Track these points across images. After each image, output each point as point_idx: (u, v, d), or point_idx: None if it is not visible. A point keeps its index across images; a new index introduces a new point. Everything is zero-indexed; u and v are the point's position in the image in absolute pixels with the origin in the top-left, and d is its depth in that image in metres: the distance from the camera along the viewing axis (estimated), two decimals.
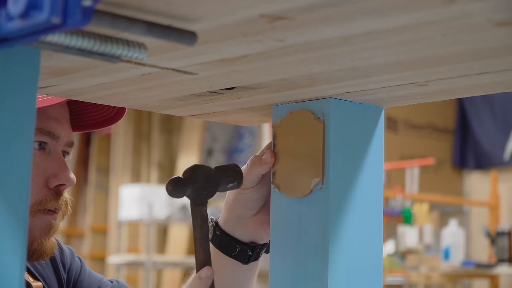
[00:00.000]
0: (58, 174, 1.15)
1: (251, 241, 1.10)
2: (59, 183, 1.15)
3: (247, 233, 1.09)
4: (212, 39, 0.72)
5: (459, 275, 5.44)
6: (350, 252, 0.94)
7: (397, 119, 6.55)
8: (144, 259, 5.98)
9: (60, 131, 1.17)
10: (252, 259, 1.10)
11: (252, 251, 1.10)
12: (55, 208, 1.16)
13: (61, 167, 1.16)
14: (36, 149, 1.14)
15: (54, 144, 1.16)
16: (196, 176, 0.98)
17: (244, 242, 1.10)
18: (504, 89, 0.88)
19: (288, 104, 0.98)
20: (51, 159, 1.16)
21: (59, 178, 1.15)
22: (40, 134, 1.14)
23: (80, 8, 0.56)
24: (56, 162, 1.16)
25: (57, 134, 1.16)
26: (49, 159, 1.16)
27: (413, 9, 0.63)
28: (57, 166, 1.15)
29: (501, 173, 6.37)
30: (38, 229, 1.14)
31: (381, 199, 0.99)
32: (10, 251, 0.65)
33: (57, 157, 1.16)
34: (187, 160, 7.21)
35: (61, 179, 1.15)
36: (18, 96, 0.66)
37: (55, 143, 1.16)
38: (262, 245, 1.10)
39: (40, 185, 1.14)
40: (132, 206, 6.16)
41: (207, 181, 0.99)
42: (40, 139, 1.15)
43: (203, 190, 0.98)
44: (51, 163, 1.15)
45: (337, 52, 0.75)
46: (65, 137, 1.18)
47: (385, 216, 5.13)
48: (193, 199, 0.98)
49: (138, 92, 0.94)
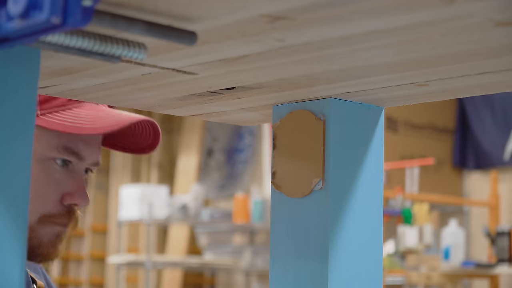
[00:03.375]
0: (74, 193, 1.18)
1: None
2: (73, 202, 1.18)
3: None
4: (212, 39, 0.72)
5: (459, 275, 5.44)
6: (350, 252, 0.94)
7: (397, 119, 6.55)
8: (144, 259, 5.98)
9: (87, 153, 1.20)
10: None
11: None
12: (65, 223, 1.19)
13: (79, 188, 1.19)
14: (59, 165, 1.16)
15: (78, 163, 1.19)
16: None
17: None
18: (504, 89, 0.88)
19: (288, 104, 0.99)
20: (71, 178, 1.19)
21: (74, 197, 1.18)
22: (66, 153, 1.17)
23: (80, 8, 0.56)
24: (76, 181, 1.19)
25: (83, 156, 1.19)
26: (70, 177, 1.19)
27: (413, 9, 0.63)
28: (76, 185, 1.19)
29: (501, 173, 6.37)
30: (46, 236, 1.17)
31: (381, 199, 0.99)
32: (10, 251, 0.65)
33: (78, 177, 1.19)
34: (187, 160, 7.21)
35: (76, 199, 1.18)
36: (18, 96, 0.66)
37: (79, 163, 1.20)
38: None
39: (55, 200, 1.18)
40: (132, 206, 6.16)
41: None
42: (65, 157, 1.18)
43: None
44: (70, 182, 1.18)
45: (337, 52, 0.75)
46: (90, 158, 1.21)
47: (385, 216, 5.13)
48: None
49: (138, 92, 0.95)
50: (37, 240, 1.16)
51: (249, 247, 6.44)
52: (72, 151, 1.17)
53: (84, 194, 1.19)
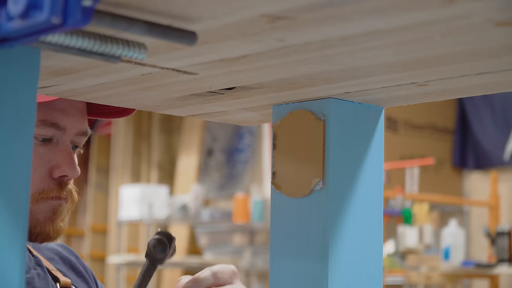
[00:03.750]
0: (61, 165, 1.15)
1: None
2: (62, 174, 1.15)
3: None
4: (212, 39, 0.72)
5: (459, 275, 5.44)
6: (350, 252, 0.94)
7: (397, 119, 6.55)
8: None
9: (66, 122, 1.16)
10: None
11: None
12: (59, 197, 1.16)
13: (66, 159, 1.16)
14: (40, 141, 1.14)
15: (61, 135, 1.16)
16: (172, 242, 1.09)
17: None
18: (504, 89, 0.88)
19: (288, 104, 0.99)
20: (57, 150, 1.16)
21: (62, 169, 1.15)
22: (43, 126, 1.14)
23: (80, 8, 0.56)
24: (62, 153, 1.16)
25: (62, 126, 1.16)
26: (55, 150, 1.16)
27: (413, 9, 0.64)
28: (62, 157, 1.16)
29: (501, 173, 6.37)
30: (42, 213, 1.15)
31: (381, 199, 0.99)
32: (10, 251, 0.65)
33: (64, 148, 1.16)
34: (187, 160, 7.21)
35: (64, 170, 1.15)
36: (18, 96, 0.66)
37: (62, 134, 1.16)
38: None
39: (43, 175, 1.15)
40: (132, 206, 6.16)
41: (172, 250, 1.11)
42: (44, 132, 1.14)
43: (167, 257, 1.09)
44: (56, 154, 1.15)
45: (337, 52, 0.75)
46: (73, 127, 1.17)
47: (385, 216, 5.13)
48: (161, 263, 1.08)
49: (138, 92, 0.95)
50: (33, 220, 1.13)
51: (249, 247, 6.44)
52: (49, 122, 1.14)
53: (72, 165, 1.16)
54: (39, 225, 1.14)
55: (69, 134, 1.17)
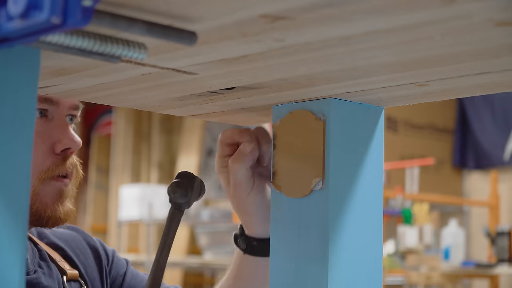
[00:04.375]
0: (62, 138, 1.15)
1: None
2: (64, 147, 1.15)
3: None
4: (212, 39, 0.72)
5: (459, 275, 5.44)
6: (350, 252, 0.94)
7: (397, 119, 6.55)
8: (144, 259, 5.98)
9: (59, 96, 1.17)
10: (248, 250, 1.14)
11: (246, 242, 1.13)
12: (65, 173, 1.16)
13: (65, 132, 1.16)
14: (38, 117, 1.14)
15: (55, 109, 1.16)
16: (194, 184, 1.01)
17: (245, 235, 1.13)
18: (504, 89, 0.88)
19: (288, 104, 0.98)
20: (54, 125, 1.16)
21: (64, 142, 1.15)
22: (38, 102, 1.14)
23: (80, 8, 0.56)
24: (60, 127, 1.16)
25: (55, 100, 1.16)
26: (52, 125, 1.16)
27: (413, 9, 0.63)
28: (61, 131, 1.16)
29: (501, 173, 6.37)
30: (49, 196, 1.14)
31: (381, 199, 0.99)
32: (10, 251, 0.65)
33: (60, 122, 1.16)
34: (187, 160, 7.21)
35: (66, 143, 1.15)
36: (18, 96, 0.66)
37: (56, 109, 1.16)
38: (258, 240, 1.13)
39: (46, 152, 1.14)
40: (132, 206, 6.16)
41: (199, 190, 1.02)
42: (39, 107, 1.14)
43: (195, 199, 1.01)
44: (55, 129, 1.15)
45: (337, 52, 0.75)
46: (66, 101, 1.17)
47: (385, 216, 5.13)
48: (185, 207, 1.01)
49: (138, 92, 0.95)
50: (42, 203, 1.13)
51: None
52: (43, 98, 1.14)
53: (73, 137, 1.16)
54: (49, 209, 1.14)
55: (63, 108, 1.17)
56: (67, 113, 1.18)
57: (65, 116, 1.18)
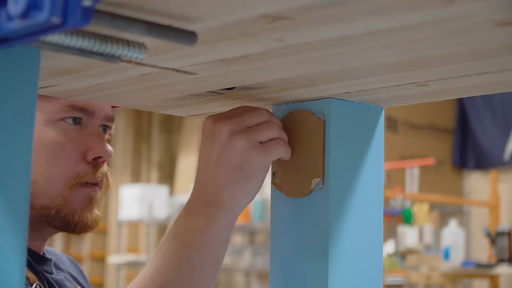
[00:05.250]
0: (94, 147, 1.16)
1: None
2: (96, 156, 1.16)
3: None
4: (212, 39, 0.72)
5: (459, 275, 5.44)
6: (350, 252, 0.94)
7: (397, 119, 6.55)
8: (144, 259, 5.98)
9: (94, 106, 1.17)
10: None
11: None
12: (95, 181, 1.17)
13: (98, 141, 1.17)
14: (71, 124, 1.15)
15: (89, 119, 1.17)
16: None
17: None
18: (504, 89, 0.88)
19: (288, 104, 0.98)
20: (88, 134, 1.17)
21: (96, 151, 1.16)
22: (73, 111, 1.15)
23: (80, 8, 0.56)
24: (93, 136, 1.17)
25: (90, 110, 1.17)
26: (85, 133, 1.17)
27: (413, 9, 0.64)
28: (94, 139, 1.16)
29: (501, 173, 6.37)
30: (77, 202, 1.15)
31: (381, 199, 0.99)
32: (10, 251, 0.65)
33: (94, 131, 1.17)
34: (187, 160, 7.21)
35: (98, 152, 1.16)
36: (18, 96, 0.66)
37: (90, 118, 1.17)
38: None
39: (78, 159, 1.15)
40: (132, 206, 6.16)
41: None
42: (73, 115, 1.15)
43: None
44: (88, 137, 1.16)
45: (337, 52, 0.75)
46: (101, 111, 1.18)
47: (385, 216, 5.13)
48: None
49: (138, 92, 0.95)
50: (71, 209, 1.13)
51: (249, 247, 6.44)
52: (78, 107, 1.15)
53: (105, 146, 1.17)
54: (77, 214, 1.14)
55: (97, 118, 1.18)
56: (101, 123, 1.19)
57: (99, 126, 1.19)
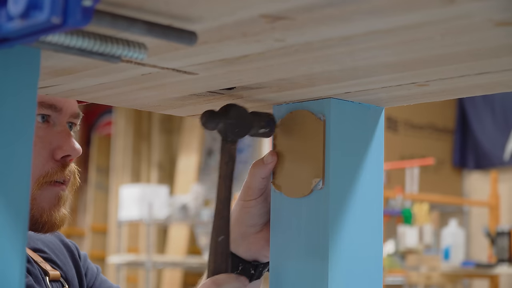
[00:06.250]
0: (63, 145, 1.16)
1: (254, 259, 1.05)
2: (64, 154, 1.16)
3: (250, 252, 1.05)
4: (212, 39, 0.72)
5: (459, 275, 5.44)
6: (350, 252, 0.94)
7: (397, 119, 6.55)
8: (144, 259, 5.98)
9: (63, 103, 1.17)
10: (254, 278, 1.05)
11: (254, 269, 1.05)
12: (63, 179, 1.16)
13: (66, 139, 1.16)
14: (40, 122, 1.15)
15: (57, 116, 1.17)
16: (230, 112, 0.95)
17: (246, 261, 1.05)
18: (504, 89, 0.88)
19: (288, 104, 0.99)
20: (56, 132, 1.16)
21: (64, 149, 1.16)
22: (42, 108, 1.15)
23: (80, 8, 0.56)
24: (61, 134, 1.16)
25: (59, 106, 1.17)
26: (54, 131, 1.16)
27: (413, 9, 0.64)
28: (62, 138, 1.16)
29: (501, 173, 6.37)
30: (46, 201, 1.15)
31: (381, 199, 0.99)
32: (10, 251, 0.65)
33: (62, 129, 1.17)
34: (187, 160, 7.21)
35: (67, 150, 1.16)
36: (18, 96, 0.66)
37: (58, 116, 1.17)
38: (265, 264, 1.05)
39: (46, 157, 1.15)
40: (132, 206, 6.16)
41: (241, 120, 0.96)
42: (42, 112, 1.15)
43: (235, 128, 0.95)
44: (56, 136, 1.16)
45: (337, 52, 0.75)
46: (68, 108, 1.18)
47: (385, 216, 5.13)
48: (224, 135, 0.96)
49: (138, 92, 0.95)
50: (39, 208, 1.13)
51: None
52: (47, 104, 1.15)
53: (73, 144, 1.16)
54: (45, 214, 1.14)
55: (65, 115, 1.18)
56: (68, 121, 1.18)
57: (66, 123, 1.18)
